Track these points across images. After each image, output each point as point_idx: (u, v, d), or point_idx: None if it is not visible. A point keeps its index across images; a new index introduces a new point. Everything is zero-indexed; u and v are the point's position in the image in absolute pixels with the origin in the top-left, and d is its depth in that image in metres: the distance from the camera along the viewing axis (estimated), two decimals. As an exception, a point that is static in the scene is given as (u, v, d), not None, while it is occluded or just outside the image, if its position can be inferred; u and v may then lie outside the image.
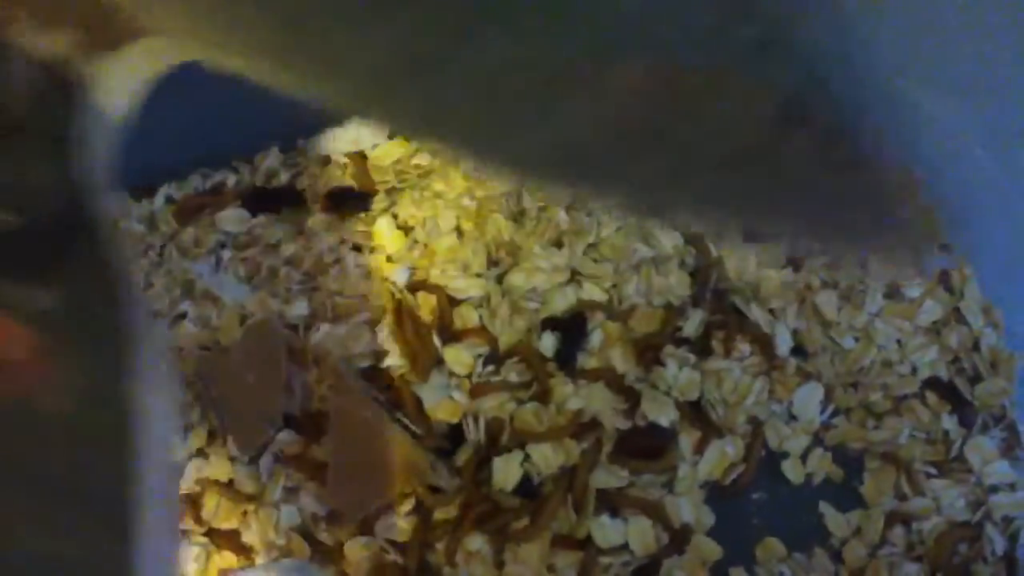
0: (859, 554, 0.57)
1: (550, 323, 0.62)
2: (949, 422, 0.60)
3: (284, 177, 0.69)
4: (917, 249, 0.40)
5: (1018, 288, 0.63)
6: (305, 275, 0.65)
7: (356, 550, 0.56)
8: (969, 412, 0.60)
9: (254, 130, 0.69)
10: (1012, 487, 0.58)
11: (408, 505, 0.57)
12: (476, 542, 0.56)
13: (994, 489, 0.58)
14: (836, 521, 0.58)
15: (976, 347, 0.62)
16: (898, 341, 0.62)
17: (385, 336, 0.62)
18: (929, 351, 0.62)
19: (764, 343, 0.61)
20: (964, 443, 0.59)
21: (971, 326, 0.63)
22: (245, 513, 0.58)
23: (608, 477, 0.57)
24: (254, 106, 0.66)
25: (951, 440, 0.59)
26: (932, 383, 0.61)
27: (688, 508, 0.57)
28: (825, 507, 0.58)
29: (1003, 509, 0.57)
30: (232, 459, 0.59)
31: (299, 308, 0.64)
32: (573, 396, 0.59)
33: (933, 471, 0.58)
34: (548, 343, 0.61)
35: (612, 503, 0.57)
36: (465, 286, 0.63)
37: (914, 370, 0.61)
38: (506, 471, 0.57)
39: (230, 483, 0.59)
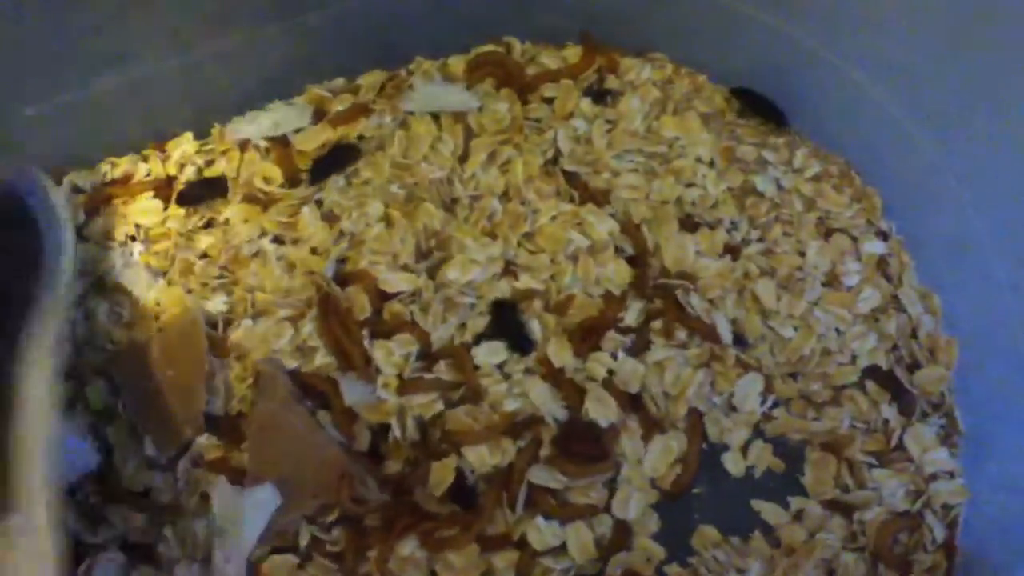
0: (798, 537, 0.56)
1: (488, 332, 0.59)
2: (889, 411, 0.59)
3: (198, 164, 0.65)
4: None
5: (956, 274, 0.62)
6: (223, 269, 0.61)
7: (275, 566, 0.53)
8: (908, 400, 0.60)
9: (166, 114, 0.65)
10: (951, 475, 0.58)
11: (333, 515, 0.54)
12: (408, 547, 0.53)
13: (933, 477, 0.58)
14: (774, 513, 0.57)
15: (914, 334, 0.62)
16: (837, 330, 0.61)
17: (309, 332, 0.58)
18: (868, 339, 0.61)
19: (704, 333, 0.59)
20: (904, 432, 0.58)
21: (909, 313, 0.62)
22: (162, 524, 0.54)
23: (547, 477, 0.55)
24: (166, 87, 0.63)
25: (891, 429, 0.59)
26: (871, 372, 0.60)
27: (634, 508, 0.55)
28: (760, 504, 0.57)
29: (942, 497, 0.57)
30: (149, 465, 0.56)
31: (217, 303, 0.60)
32: (508, 395, 0.57)
33: (874, 461, 0.58)
34: (489, 352, 0.58)
35: (548, 511, 0.55)
36: (395, 279, 0.60)
37: (853, 359, 0.61)
38: (438, 475, 0.55)
39: (146, 493, 0.55)
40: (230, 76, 0.65)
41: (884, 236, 0.65)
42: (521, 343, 0.58)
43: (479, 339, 0.59)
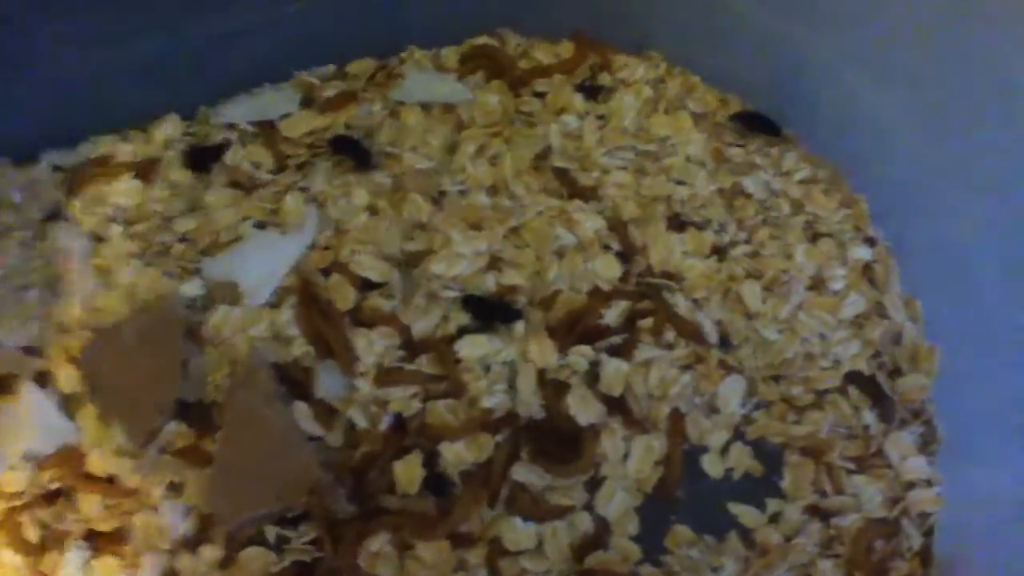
0: (773, 539, 0.56)
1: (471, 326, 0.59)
2: (870, 417, 0.59)
3: (183, 146, 0.64)
4: None
5: (940, 281, 0.62)
6: (202, 253, 0.60)
7: (250, 558, 0.52)
8: (889, 407, 0.59)
9: (151, 94, 0.64)
10: (929, 483, 0.58)
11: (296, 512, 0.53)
12: (378, 542, 0.52)
13: (911, 485, 0.58)
14: (751, 516, 0.56)
15: (897, 341, 0.62)
16: (821, 334, 0.61)
17: (287, 320, 0.58)
18: (851, 344, 0.61)
19: (690, 333, 0.59)
20: (884, 438, 0.58)
21: (893, 320, 0.62)
22: (128, 513, 0.54)
23: (530, 475, 0.54)
24: (152, 68, 0.62)
25: (871, 435, 0.58)
26: (854, 377, 0.60)
27: (616, 506, 0.55)
28: (736, 507, 0.57)
29: (920, 505, 0.57)
30: (118, 452, 0.55)
31: (194, 287, 0.59)
32: (488, 392, 0.56)
33: (853, 467, 0.58)
34: (471, 346, 0.58)
35: (526, 510, 0.54)
36: (378, 269, 0.59)
37: (836, 364, 0.60)
38: (407, 474, 0.54)
39: (111, 480, 0.54)
40: (218, 59, 0.64)
41: (871, 242, 0.65)
42: (507, 315, 0.58)
43: (461, 332, 0.58)
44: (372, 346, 0.57)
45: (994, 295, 0.59)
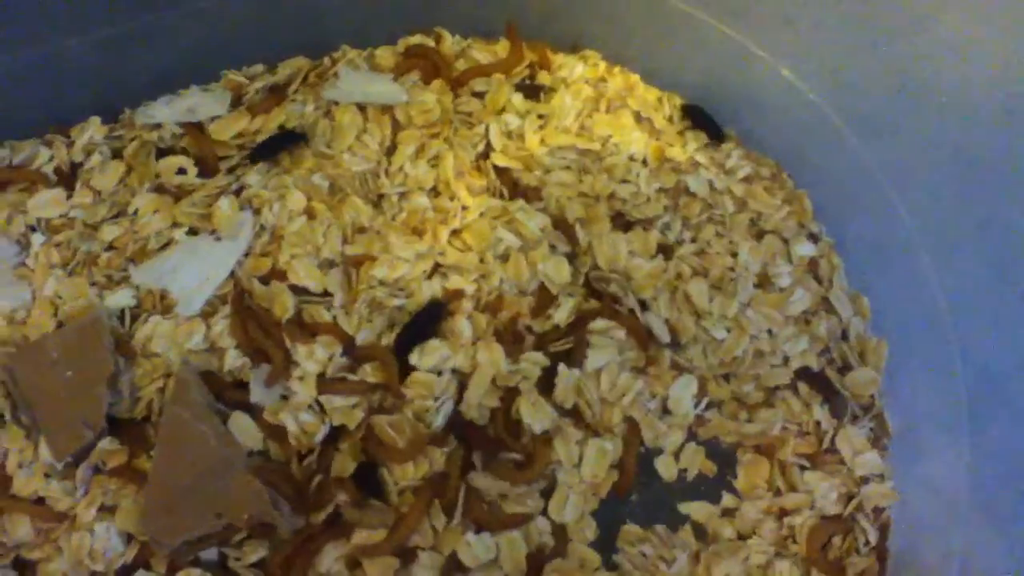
0: (725, 531, 0.55)
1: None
2: (820, 413, 0.58)
3: (106, 151, 0.61)
4: None
5: (884, 275, 0.62)
6: (129, 261, 0.57)
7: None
8: (839, 402, 0.59)
9: (72, 96, 0.61)
10: (881, 478, 0.58)
11: (240, 535, 0.50)
12: (326, 562, 0.50)
13: (865, 480, 0.57)
14: (703, 510, 0.56)
15: (844, 336, 0.62)
16: (769, 331, 0.60)
17: (222, 330, 0.55)
18: (800, 341, 0.60)
19: (640, 334, 0.58)
20: (835, 434, 0.58)
21: (840, 315, 0.62)
22: (57, 538, 0.50)
23: (488, 484, 0.53)
24: (72, 68, 0.59)
25: (823, 431, 0.58)
26: (803, 373, 0.60)
27: (571, 511, 0.54)
28: (688, 505, 0.56)
29: (874, 500, 0.57)
30: (45, 474, 0.51)
31: (122, 297, 0.56)
32: (434, 404, 0.54)
33: (806, 463, 0.57)
34: (423, 355, 0.56)
35: (482, 521, 0.52)
36: (317, 277, 0.57)
37: (785, 360, 0.60)
38: (343, 462, 0.52)
39: (40, 501, 0.51)
40: (143, 58, 0.61)
41: (814, 238, 0.65)
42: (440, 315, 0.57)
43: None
44: (313, 355, 0.55)
45: (937, 287, 0.59)
